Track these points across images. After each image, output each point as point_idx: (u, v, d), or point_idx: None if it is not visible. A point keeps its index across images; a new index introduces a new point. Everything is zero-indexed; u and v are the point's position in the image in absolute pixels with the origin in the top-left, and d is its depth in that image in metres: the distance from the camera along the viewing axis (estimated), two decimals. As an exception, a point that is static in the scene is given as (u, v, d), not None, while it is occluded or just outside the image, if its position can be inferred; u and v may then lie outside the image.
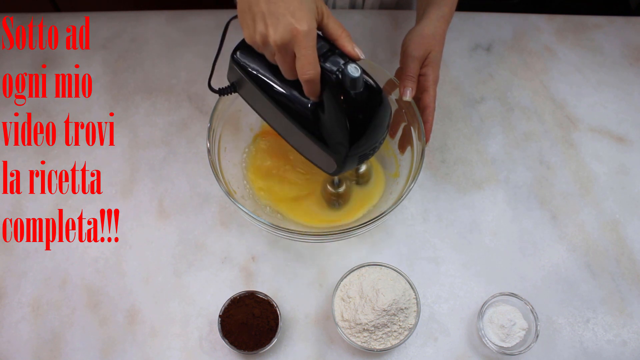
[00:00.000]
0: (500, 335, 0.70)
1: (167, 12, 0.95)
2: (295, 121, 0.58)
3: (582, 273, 0.76)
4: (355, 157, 0.58)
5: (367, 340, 0.67)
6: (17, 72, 0.88)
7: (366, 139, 0.56)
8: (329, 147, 0.58)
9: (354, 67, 0.52)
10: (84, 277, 0.74)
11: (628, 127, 0.87)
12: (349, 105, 0.53)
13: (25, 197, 0.79)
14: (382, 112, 0.56)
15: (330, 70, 0.52)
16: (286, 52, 0.51)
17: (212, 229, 0.77)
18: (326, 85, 0.53)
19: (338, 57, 0.53)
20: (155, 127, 0.84)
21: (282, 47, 0.50)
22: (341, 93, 0.52)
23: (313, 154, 0.61)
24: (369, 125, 0.55)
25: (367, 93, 0.54)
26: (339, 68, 0.52)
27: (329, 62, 0.53)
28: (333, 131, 0.56)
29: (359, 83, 0.52)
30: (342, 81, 0.52)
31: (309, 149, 0.61)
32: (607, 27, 0.96)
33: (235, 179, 0.75)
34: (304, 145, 0.61)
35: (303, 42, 0.49)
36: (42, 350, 0.70)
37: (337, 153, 0.57)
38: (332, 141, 0.57)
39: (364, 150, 0.58)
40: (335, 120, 0.55)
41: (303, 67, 0.51)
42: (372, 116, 0.55)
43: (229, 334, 0.68)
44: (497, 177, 0.82)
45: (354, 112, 0.54)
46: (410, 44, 0.70)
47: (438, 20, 0.72)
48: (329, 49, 0.53)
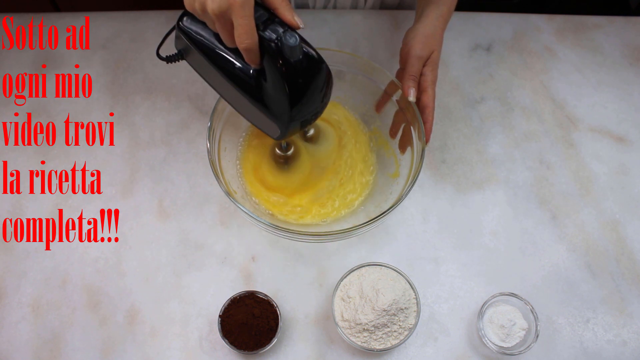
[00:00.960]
0: (500, 335, 0.70)
1: (167, 12, 0.94)
2: (240, 88, 0.59)
3: (582, 273, 0.76)
4: (297, 122, 0.60)
5: (367, 340, 0.67)
6: (17, 72, 0.88)
7: (306, 105, 0.58)
8: (272, 113, 0.59)
9: (292, 35, 0.52)
10: (84, 277, 0.74)
11: (628, 127, 0.87)
12: (288, 72, 0.54)
13: (25, 197, 0.79)
14: (320, 78, 0.58)
15: (269, 38, 0.53)
16: (224, 20, 0.52)
17: (212, 229, 0.77)
18: (266, 53, 0.54)
19: (277, 25, 0.54)
20: (155, 127, 0.84)
21: (220, 16, 0.51)
22: (280, 60, 0.53)
23: (258, 120, 0.63)
24: (307, 90, 0.57)
25: (306, 60, 0.55)
26: (278, 36, 0.53)
27: (268, 30, 0.53)
28: (275, 97, 0.57)
29: (296, 51, 0.53)
30: (280, 49, 0.53)
31: (254, 115, 0.62)
32: (607, 27, 0.96)
33: (235, 179, 0.75)
34: (250, 112, 0.63)
35: (239, 11, 0.50)
36: (42, 350, 0.70)
37: (279, 119, 0.59)
38: (275, 107, 0.58)
39: (305, 116, 0.60)
40: (276, 87, 0.56)
41: (240, 36, 0.52)
42: (310, 82, 0.57)
43: (229, 334, 0.68)
44: (497, 177, 0.82)
45: (293, 78, 0.55)
46: (415, 43, 0.70)
47: (437, 19, 0.72)
48: (268, 18, 0.54)
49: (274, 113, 0.59)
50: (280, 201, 0.76)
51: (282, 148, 0.74)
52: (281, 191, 0.76)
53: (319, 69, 0.57)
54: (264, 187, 0.76)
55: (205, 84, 0.67)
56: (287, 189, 0.75)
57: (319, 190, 0.76)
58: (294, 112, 0.57)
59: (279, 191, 0.76)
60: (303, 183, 0.76)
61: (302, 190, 0.76)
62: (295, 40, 0.52)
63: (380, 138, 0.80)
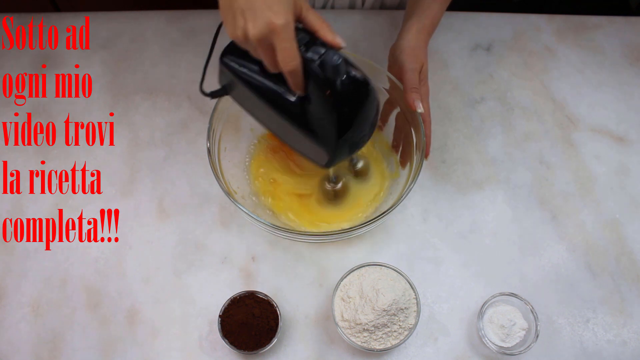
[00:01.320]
0: (500, 335, 0.70)
1: (167, 12, 0.95)
2: (285, 116, 0.59)
3: (582, 273, 0.76)
4: (345, 147, 0.59)
5: (367, 340, 0.67)
6: (17, 72, 0.88)
7: (354, 127, 0.57)
8: (318, 139, 0.58)
9: (334, 53, 0.52)
10: (84, 277, 0.74)
11: (628, 127, 0.87)
12: (335, 94, 0.54)
13: (25, 197, 0.79)
14: (369, 102, 0.57)
15: (312, 59, 0.53)
16: (266, 45, 0.52)
17: (212, 229, 0.77)
18: (310, 75, 0.54)
19: (319, 46, 0.54)
20: (155, 127, 0.84)
21: (262, 41, 0.51)
22: (325, 82, 0.53)
23: (305, 147, 0.62)
24: (356, 113, 0.56)
25: (353, 82, 0.55)
26: (320, 56, 0.53)
27: (310, 51, 0.53)
28: (321, 122, 0.57)
29: (340, 69, 0.53)
30: (324, 69, 0.53)
31: (301, 142, 0.62)
32: (607, 27, 0.96)
33: (235, 179, 0.75)
34: (296, 140, 0.62)
35: (281, 35, 0.50)
36: (42, 350, 0.70)
37: (327, 144, 0.58)
38: (322, 133, 0.58)
39: (353, 139, 0.59)
40: (322, 111, 0.55)
41: (283, 59, 0.52)
42: (358, 104, 0.56)
43: (229, 334, 0.68)
44: (497, 177, 0.82)
45: (340, 100, 0.54)
46: (405, 57, 0.70)
47: (419, 32, 0.72)
48: (309, 40, 0.54)
49: (321, 139, 0.58)
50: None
51: (331, 181, 0.74)
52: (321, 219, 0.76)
53: (366, 90, 0.56)
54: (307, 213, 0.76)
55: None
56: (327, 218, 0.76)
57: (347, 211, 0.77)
58: (342, 136, 0.56)
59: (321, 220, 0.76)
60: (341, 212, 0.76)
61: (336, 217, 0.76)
62: (337, 58, 0.52)
63: (380, 138, 0.80)
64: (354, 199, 0.76)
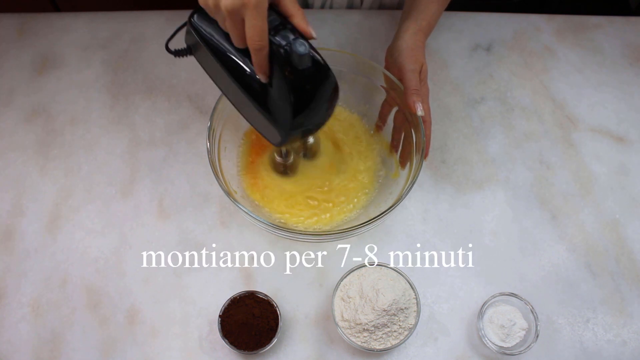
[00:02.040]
0: (500, 335, 0.70)
1: (167, 12, 0.95)
2: (245, 90, 0.59)
3: (582, 273, 0.76)
4: (298, 131, 0.59)
5: (367, 340, 0.67)
6: (17, 72, 0.88)
7: (309, 115, 0.57)
8: (274, 119, 0.59)
9: (301, 43, 0.52)
10: (84, 277, 0.74)
11: (628, 127, 0.87)
12: (294, 80, 0.54)
13: (25, 197, 0.79)
14: (326, 88, 0.57)
15: (279, 44, 0.53)
16: (236, 19, 0.51)
17: (212, 229, 0.77)
18: (274, 58, 0.54)
19: (289, 32, 0.54)
20: (155, 127, 0.84)
21: (232, 14, 0.51)
22: (288, 67, 0.53)
23: (260, 124, 0.62)
24: (312, 99, 0.56)
25: (314, 69, 0.55)
26: (288, 43, 0.53)
27: (279, 35, 0.53)
28: (279, 103, 0.57)
29: (305, 60, 0.53)
30: (289, 56, 0.53)
31: (257, 118, 0.62)
32: (607, 27, 0.96)
33: (235, 179, 0.75)
34: (253, 115, 0.62)
35: (253, 12, 0.50)
36: (42, 350, 0.70)
37: (281, 125, 0.58)
38: (277, 113, 0.58)
39: (307, 125, 0.59)
40: (281, 93, 0.56)
41: (252, 37, 0.51)
42: (315, 92, 0.56)
43: (229, 334, 0.68)
44: (497, 177, 0.82)
45: (299, 86, 0.55)
46: (404, 58, 0.70)
47: (416, 34, 0.72)
48: (280, 23, 0.54)
49: (276, 119, 0.58)
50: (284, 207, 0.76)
51: (282, 155, 0.74)
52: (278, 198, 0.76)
53: (326, 78, 0.57)
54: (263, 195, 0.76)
55: (205, 84, 0.67)
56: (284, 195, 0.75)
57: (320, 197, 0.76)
58: (296, 120, 0.57)
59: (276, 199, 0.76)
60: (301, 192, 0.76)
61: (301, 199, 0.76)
62: (305, 49, 0.52)
63: (380, 138, 0.80)
64: (302, 175, 0.76)
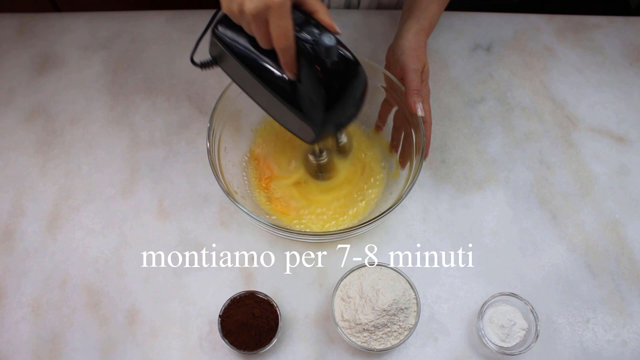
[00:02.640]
0: (500, 335, 0.70)
1: (167, 12, 0.95)
2: (274, 91, 0.59)
3: (582, 273, 0.76)
4: (332, 125, 0.60)
5: (367, 340, 0.67)
6: (17, 72, 0.88)
7: (341, 107, 0.58)
8: (306, 116, 0.59)
9: (328, 36, 0.52)
10: (84, 277, 0.74)
11: (628, 127, 0.87)
12: (324, 74, 0.54)
13: (25, 197, 0.79)
14: (357, 82, 0.57)
15: (306, 39, 0.53)
16: (261, 22, 0.52)
17: (212, 229, 0.77)
18: (302, 54, 0.54)
19: (314, 27, 0.54)
20: (155, 127, 0.85)
21: (257, 17, 0.51)
22: (316, 62, 0.54)
23: (292, 123, 0.63)
24: (343, 92, 0.57)
25: (343, 62, 0.55)
26: (314, 37, 0.53)
27: (304, 32, 0.54)
28: (309, 99, 0.57)
29: (333, 52, 0.53)
30: (317, 50, 0.53)
31: (288, 118, 0.62)
32: (607, 27, 0.96)
33: (236, 179, 0.75)
34: (283, 116, 0.62)
35: (277, 12, 0.50)
36: (42, 350, 0.70)
37: (314, 121, 0.59)
38: (309, 109, 0.58)
39: (340, 119, 0.60)
40: (311, 89, 0.56)
41: (277, 37, 0.52)
42: (346, 85, 0.57)
43: (229, 334, 0.68)
44: (497, 177, 0.82)
45: (329, 79, 0.55)
46: (407, 58, 0.70)
47: (418, 33, 0.72)
48: (305, 20, 0.54)
49: (308, 115, 0.58)
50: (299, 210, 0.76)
51: (315, 154, 0.74)
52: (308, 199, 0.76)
53: (355, 71, 0.57)
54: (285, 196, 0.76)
55: (205, 84, 0.67)
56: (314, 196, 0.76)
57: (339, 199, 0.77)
58: (329, 114, 0.57)
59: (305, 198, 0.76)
60: (328, 191, 0.76)
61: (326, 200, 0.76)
62: (331, 41, 0.52)
63: (380, 138, 0.80)
64: (339, 175, 0.77)
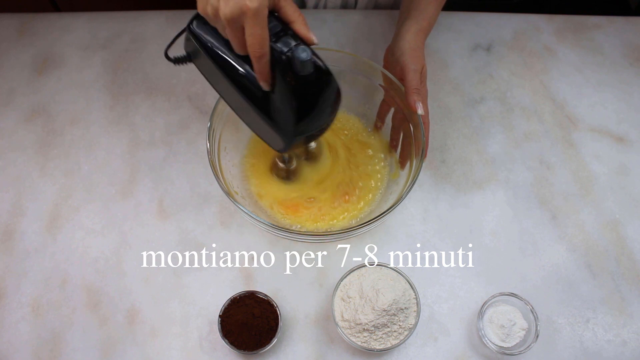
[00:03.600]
0: (500, 335, 0.70)
1: (167, 12, 0.95)
2: (246, 97, 0.59)
3: (582, 273, 0.76)
4: (302, 137, 0.59)
5: (367, 340, 0.67)
6: (17, 72, 0.88)
7: (312, 120, 0.57)
8: (276, 125, 0.58)
9: (303, 49, 0.52)
10: (84, 277, 0.74)
11: (628, 127, 0.87)
12: (297, 86, 0.54)
13: (25, 197, 0.79)
14: (328, 93, 0.57)
15: (280, 50, 0.53)
16: (236, 27, 0.51)
17: (212, 229, 0.77)
18: (276, 65, 0.53)
19: (290, 38, 0.53)
20: (155, 127, 0.84)
21: (232, 22, 0.50)
22: (290, 74, 0.53)
23: (262, 130, 0.62)
24: (315, 106, 0.56)
25: (316, 75, 0.54)
26: (289, 49, 0.53)
27: (280, 42, 0.53)
28: (281, 110, 0.57)
29: (307, 66, 0.52)
30: (290, 62, 0.52)
31: (259, 125, 0.61)
32: (607, 27, 0.96)
33: (236, 179, 0.75)
34: (254, 122, 0.62)
35: (253, 19, 0.49)
36: (42, 350, 0.70)
37: (284, 131, 0.58)
38: (280, 119, 0.58)
39: (311, 131, 0.59)
40: (283, 100, 0.55)
41: (252, 45, 0.51)
42: (318, 97, 0.56)
43: (229, 334, 0.68)
44: (497, 177, 0.82)
45: (301, 92, 0.54)
46: (407, 58, 0.70)
47: (417, 34, 0.72)
48: (281, 29, 0.54)
49: (279, 125, 0.58)
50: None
51: (284, 161, 0.74)
52: (284, 203, 0.76)
53: (328, 84, 0.56)
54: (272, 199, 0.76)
55: (205, 84, 0.67)
56: (288, 200, 0.76)
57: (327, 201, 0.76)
58: (299, 126, 0.56)
59: (283, 203, 0.76)
60: (305, 195, 0.76)
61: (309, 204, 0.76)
62: (307, 55, 0.51)
63: (379, 138, 0.80)
64: (304, 179, 0.76)
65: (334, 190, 0.76)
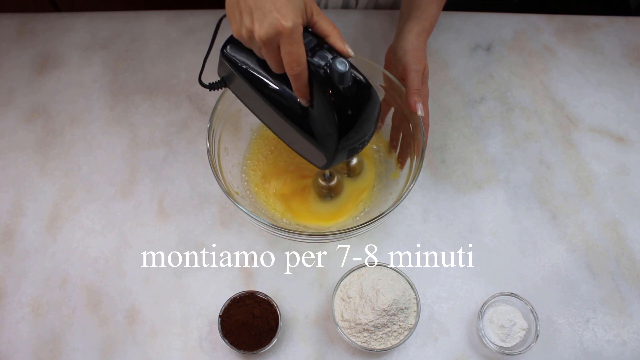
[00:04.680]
0: (500, 335, 0.70)
1: (167, 12, 0.95)
2: (285, 116, 0.58)
3: (582, 273, 0.76)
4: (344, 151, 0.58)
5: (367, 340, 0.67)
6: (17, 72, 0.88)
7: (355, 133, 0.56)
8: (318, 142, 0.58)
9: (341, 61, 0.51)
10: (84, 277, 0.74)
11: (628, 127, 0.87)
12: (337, 100, 0.53)
13: (25, 197, 0.79)
14: (370, 106, 0.56)
15: (318, 65, 0.52)
16: (272, 48, 0.51)
17: (212, 229, 0.77)
18: (314, 79, 0.53)
19: (326, 52, 0.53)
20: (155, 127, 0.85)
21: (267, 43, 0.50)
22: (329, 87, 0.53)
23: (303, 148, 0.62)
24: (357, 119, 0.56)
25: (356, 87, 0.54)
26: (327, 63, 0.52)
27: (317, 57, 0.53)
28: (322, 126, 0.56)
29: (346, 77, 0.52)
30: (329, 76, 0.52)
31: (299, 143, 0.61)
32: (607, 27, 0.96)
33: (236, 179, 0.75)
34: (295, 140, 0.62)
35: (288, 38, 0.50)
36: (42, 350, 0.70)
37: (327, 147, 0.57)
38: (321, 136, 0.57)
39: (353, 144, 0.58)
40: (324, 115, 0.55)
41: (289, 63, 0.51)
42: (360, 110, 0.55)
43: (229, 334, 0.68)
44: (497, 177, 0.82)
45: (342, 106, 0.54)
46: (409, 58, 0.70)
47: (419, 35, 0.72)
48: (317, 44, 0.53)
49: (321, 142, 0.57)
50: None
51: (325, 178, 0.73)
52: (317, 218, 0.76)
53: (368, 96, 0.56)
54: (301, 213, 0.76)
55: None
56: (322, 215, 0.76)
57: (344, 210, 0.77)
58: (342, 141, 0.56)
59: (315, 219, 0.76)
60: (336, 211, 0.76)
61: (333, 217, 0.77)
62: (345, 67, 0.51)
63: (380, 138, 0.80)
64: (348, 195, 0.76)
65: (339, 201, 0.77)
